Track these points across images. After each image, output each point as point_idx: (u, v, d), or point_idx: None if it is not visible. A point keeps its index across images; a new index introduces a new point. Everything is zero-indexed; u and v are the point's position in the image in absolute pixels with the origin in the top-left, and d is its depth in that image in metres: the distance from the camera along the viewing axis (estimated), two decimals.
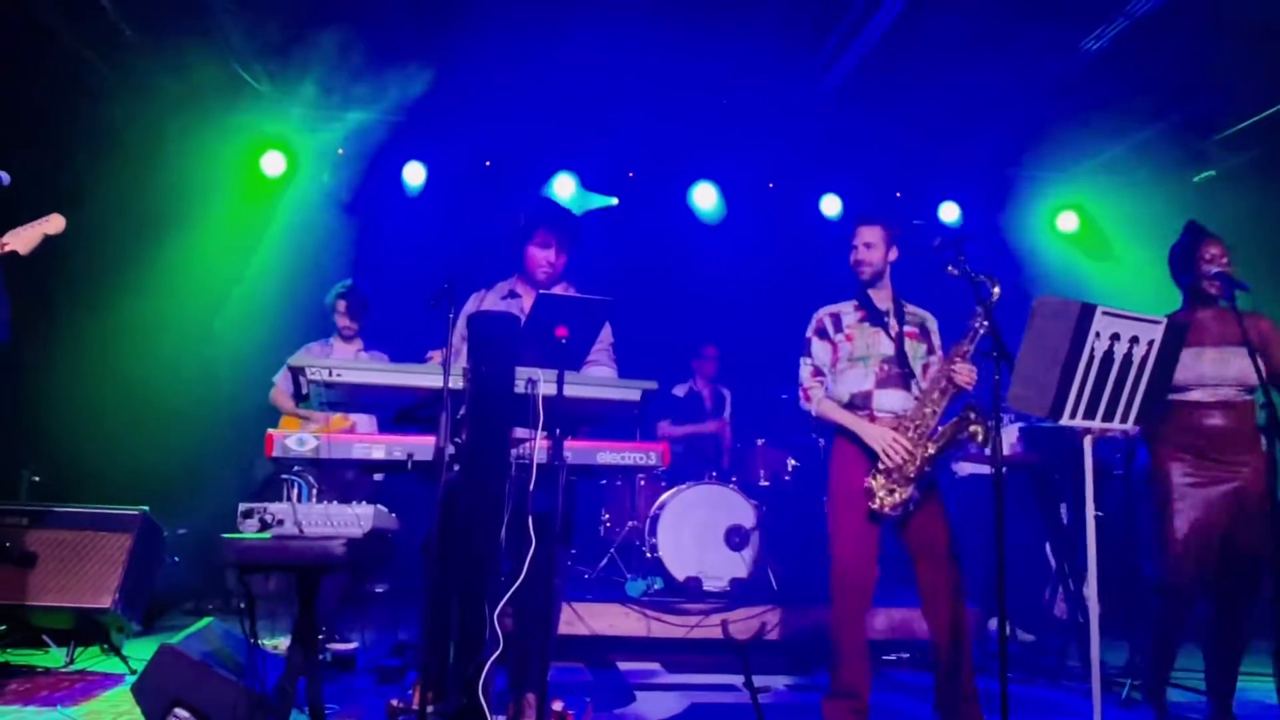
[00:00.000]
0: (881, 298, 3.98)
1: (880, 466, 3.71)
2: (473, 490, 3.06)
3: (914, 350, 3.91)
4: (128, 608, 4.60)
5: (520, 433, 3.15)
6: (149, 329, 6.64)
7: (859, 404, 3.86)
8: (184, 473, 6.12)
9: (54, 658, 4.56)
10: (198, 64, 6.41)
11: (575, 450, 3.25)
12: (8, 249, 3.38)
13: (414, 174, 7.58)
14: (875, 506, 3.68)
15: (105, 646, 4.69)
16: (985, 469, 5.50)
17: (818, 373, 3.99)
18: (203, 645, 3.47)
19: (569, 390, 3.12)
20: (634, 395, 3.30)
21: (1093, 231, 7.95)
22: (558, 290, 3.88)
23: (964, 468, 5.92)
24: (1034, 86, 6.63)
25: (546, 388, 3.12)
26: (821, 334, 4.01)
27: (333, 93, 6.91)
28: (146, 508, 4.82)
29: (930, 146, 7.48)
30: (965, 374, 3.65)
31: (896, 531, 3.84)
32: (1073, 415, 3.08)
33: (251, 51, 6.50)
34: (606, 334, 3.93)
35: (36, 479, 6.10)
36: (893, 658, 5.35)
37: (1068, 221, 8.01)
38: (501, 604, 3.03)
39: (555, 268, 3.80)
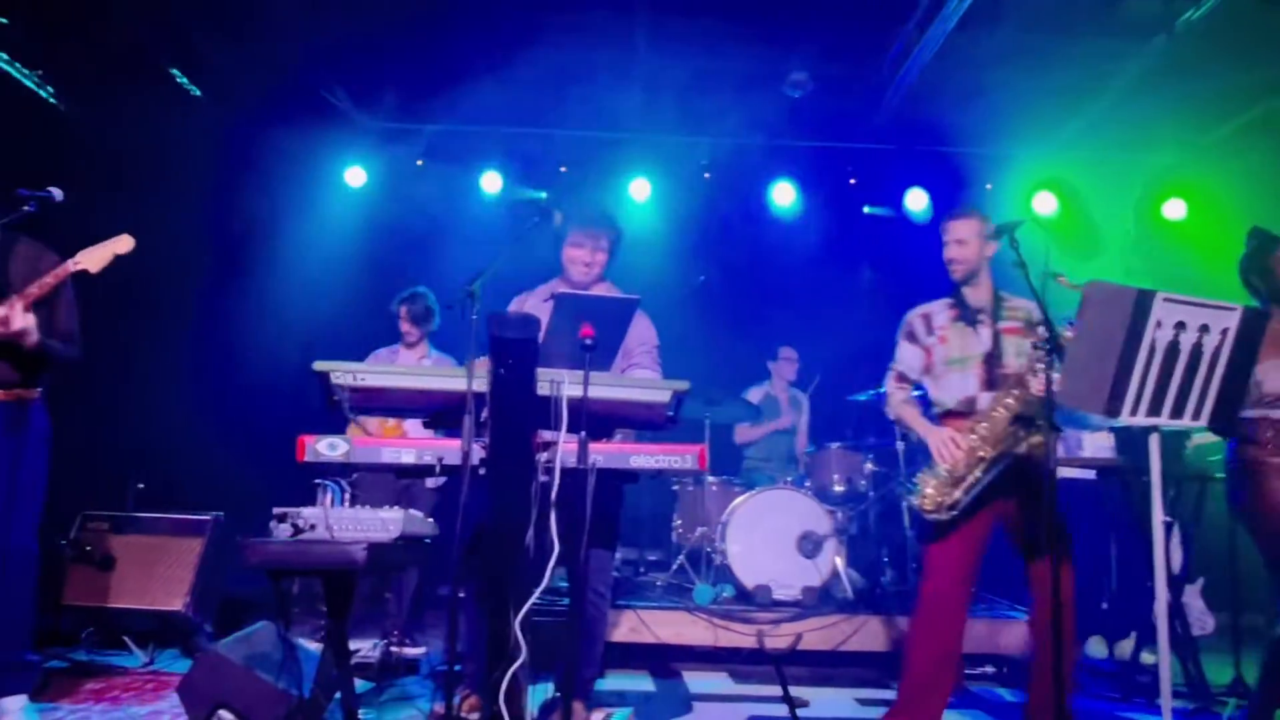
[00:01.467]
0: (977, 295, 3.76)
1: (934, 466, 3.55)
2: (495, 495, 3.01)
3: (1017, 347, 3.66)
4: (200, 610, 4.74)
5: (547, 436, 3.08)
6: (242, 343, 6.87)
7: (964, 410, 3.65)
8: (271, 481, 6.26)
9: (135, 659, 4.74)
10: (278, 82, 6.62)
11: (606, 454, 3.14)
12: (79, 267, 3.51)
13: (491, 182, 7.63)
14: (916, 502, 3.54)
15: (182, 648, 4.85)
16: (1083, 473, 5.17)
17: (901, 378, 3.86)
18: (248, 649, 3.52)
19: (595, 392, 3.03)
20: (664, 397, 3.17)
21: (1200, 218, 7.41)
22: (599, 291, 3.81)
23: (1061, 471, 5.56)
24: (1125, 67, 6.22)
25: (572, 389, 3.04)
26: (911, 337, 3.85)
27: (410, 105, 7.05)
28: (220, 513, 4.96)
29: (1018, 135, 7.11)
30: (1040, 386, 3.41)
31: (1008, 535, 3.68)
32: (1133, 412, 2.82)
33: (330, 68, 6.66)
34: (651, 335, 3.83)
35: (141, 486, 6.38)
36: (976, 672, 5.07)
37: (1174, 209, 7.50)
38: (523, 611, 2.96)
39: (592, 267, 3.73)
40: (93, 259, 3.52)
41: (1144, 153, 7.34)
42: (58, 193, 3.37)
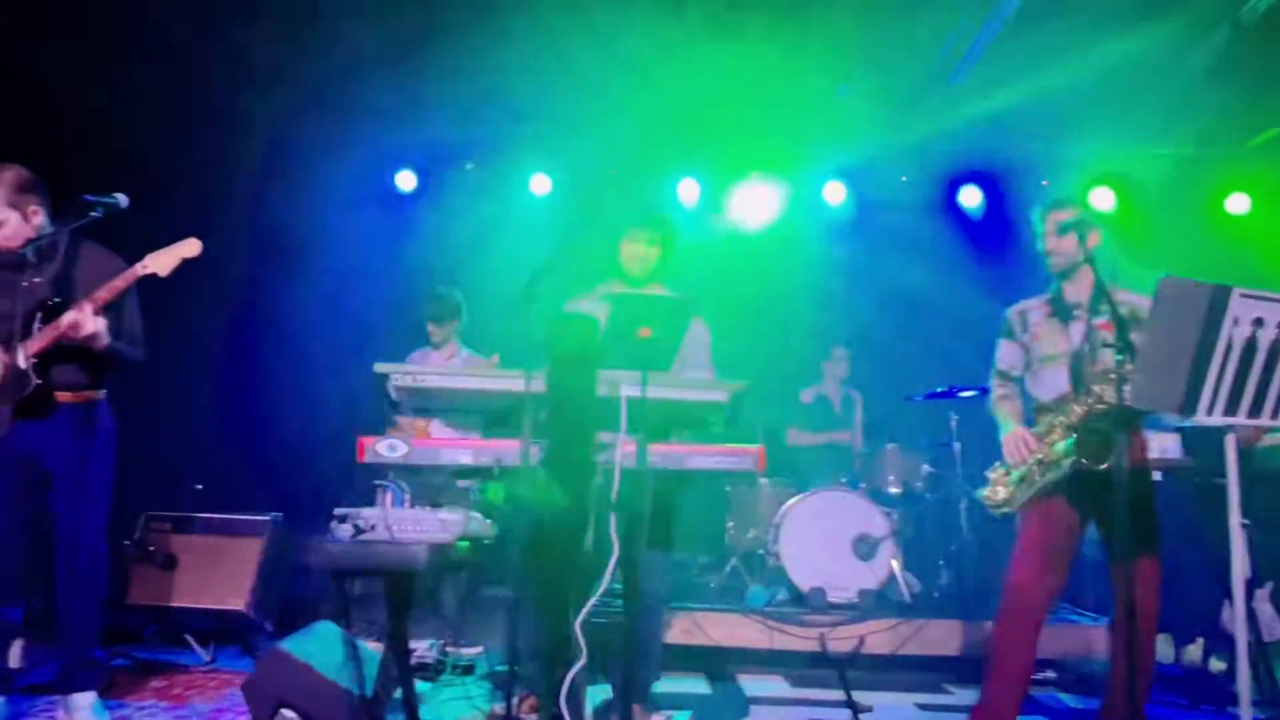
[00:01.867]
0: (1077, 290, 3.66)
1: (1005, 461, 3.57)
2: (556, 497, 3.01)
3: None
4: (260, 610, 4.81)
5: (605, 437, 3.07)
6: (297, 345, 6.96)
7: (1058, 406, 3.59)
8: (323, 481, 6.33)
9: (197, 657, 4.81)
10: (329, 85, 6.69)
11: (663, 454, 3.13)
12: (148, 271, 3.55)
13: (540, 184, 7.66)
14: (983, 495, 3.57)
15: (244, 647, 4.93)
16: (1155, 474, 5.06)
17: (1002, 376, 3.82)
18: (312, 648, 3.56)
19: (652, 393, 3.02)
20: (721, 396, 3.16)
21: (1264, 212, 7.21)
22: (653, 290, 3.80)
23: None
24: (1187, 58, 6.07)
25: (629, 390, 3.03)
26: (1008, 334, 3.80)
27: (459, 108, 7.09)
28: (280, 514, 5.03)
29: (1075, 130, 6.96)
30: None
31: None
32: (1209, 411, 2.73)
33: (379, 68, 6.71)
34: (704, 335, 3.81)
35: (200, 487, 6.50)
36: (1038, 677, 4.96)
37: (1238, 204, 7.30)
38: (584, 613, 2.95)
39: (647, 262, 3.72)
40: (161, 263, 3.55)
41: (1206, 145, 7.14)
42: (123, 198, 3.42)
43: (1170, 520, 5.32)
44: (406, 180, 7.64)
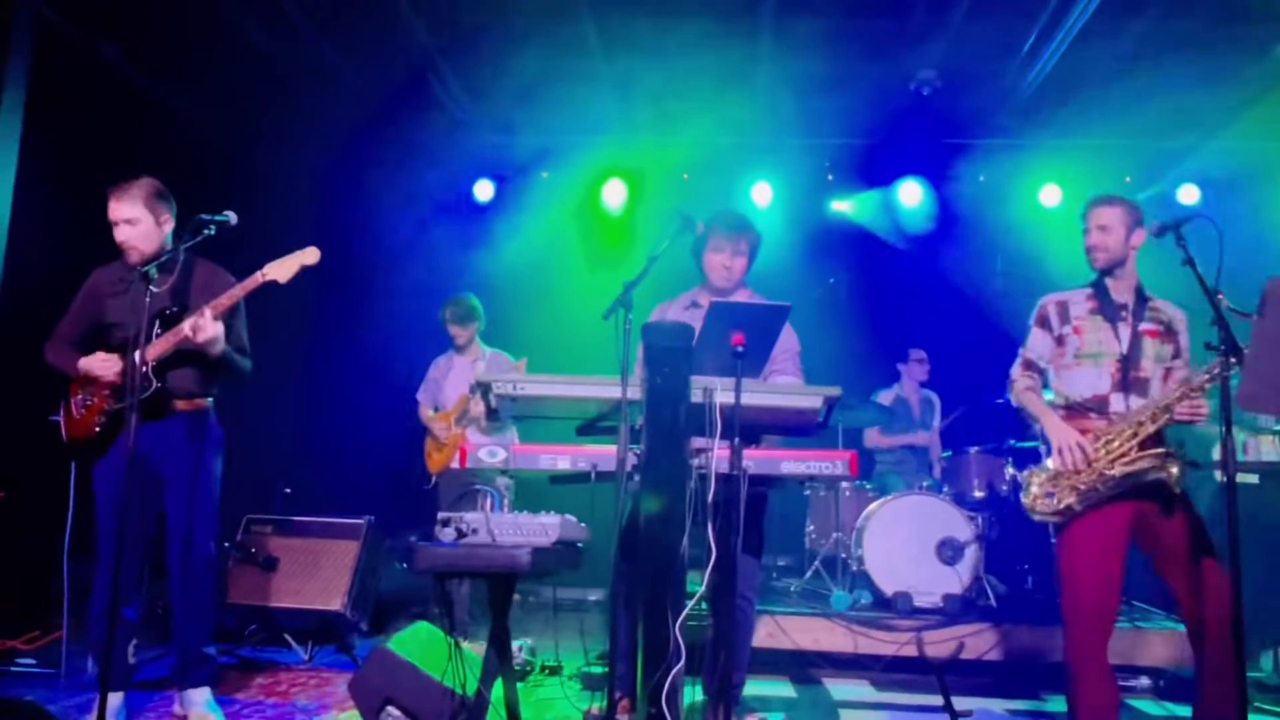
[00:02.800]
0: (1121, 289, 3.56)
1: (1049, 464, 3.41)
2: (653, 501, 3.07)
3: (1156, 351, 3.49)
4: (356, 610, 4.96)
5: (700, 442, 3.12)
6: (377, 355, 7.15)
7: (1094, 408, 3.48)
8: (410, 485, 6.47)
9: (295, 655, 4.98)
10: (407, 96, 6.87)
11: (757, 459, 3.18)
12: (268, 278, 3.68)
13: (616, 192, 7.75)
14: (1025, 501, 3.44)
15: (339, 645, 5.08)
16: (1244, 477, 4.94)
17: (1029, 365, 3.67)
18: (414, 647, 3.68)
19: (746, 399, 3.06)
20: (815, 403, 3.19)
21: None
22: (740, 296, 3.85)
23: (1219, 474, 5.32)
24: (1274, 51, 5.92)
25: (724, 396, 3.08)
26: (1044, 323, 3.66)
27: (535, 118, 7.21)
28: (371, 517, 5.18)
29: (1161, 127, 6.83)
30: (1189, 411, 3.27)
31: (1136, 544, 3.46)
32: None
33: (456, 80, 6.88)
34: (792, 341, 3.84)
35: (288, 490, 6.72)
36: (1129, 684, 4.89)
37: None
38: (683, 615, 3.00)
39: (732, 271, 3.76)
40: (281, 270, 3.67)
41: None
42: (233, 217, 3.54)
43: (1259, 522, 5.23)
44: (484, 190, 7.78)
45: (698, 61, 6.32)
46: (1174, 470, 3.21)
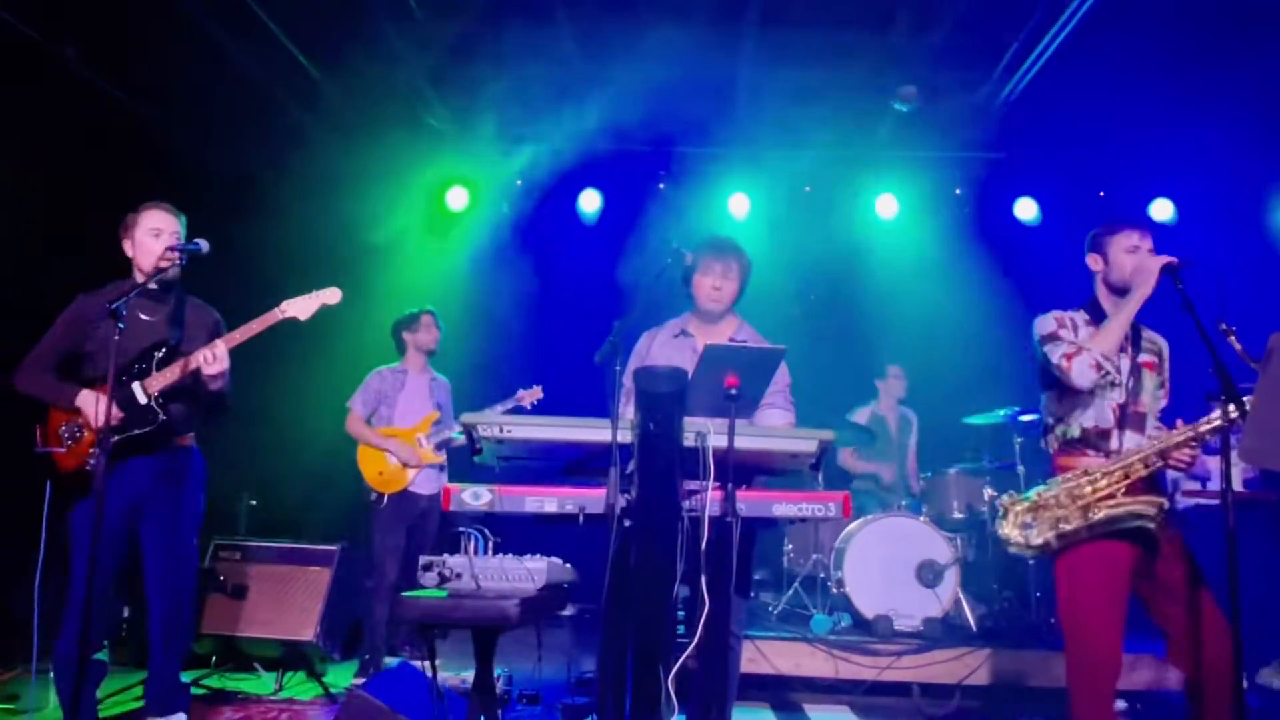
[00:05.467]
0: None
1: (1032, 494, 3.29)
2: (643, 548, 2.99)
3: (1150, 384, 3.38)
4: (328, 638, 4.84)
5: (692, 485, 3.05)
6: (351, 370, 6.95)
7: (1094, 443, 3.33)
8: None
9: (264, 684, 4.85)
10: (385, 108, 6.72)
11: (749, 502, 3.11)
12: (287, 315, 3.65)
13: (590, 201, 7.65)
14: (1001, 531, 3.31)
15: (310, 674, 4.95)
16: (1210, 501, 4.98)
17: (1074, 346, 3.32)
18: (391, 688, 3.56)
19: (740, 442, 3.00)
20: (809, 446, 3.12)
21: None
22: (729, 324, 3.77)
23: (1183, 499, 5.36)
24: (1250, 70, 5.95)
25: (717, 440, 3.01)
26: (1070, 330, 3.38)
27: (509, 125, 7.08)
28: (345, 543, 5.05)
29: (1134, 140, 6.86)
30: (1187, 459, 3.19)
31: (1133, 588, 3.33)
32: None
33: (433, 92, 6.74)
34: (783, 376, 3.77)
35: (254, 503, 6.56)
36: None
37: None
38: (676, 667, 2.93)
39: (722, 293, 3.67)
40: (301, 308, 3.67)
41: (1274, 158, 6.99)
42: (204, 244, 3.44)
43: (1246, 549, 5.27)
44: (458, 198, 7.64)
45: (678, 71, 6.24)
46: (1155, 516, 3.15)
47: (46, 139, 5.42)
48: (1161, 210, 7.36)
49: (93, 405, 3.50)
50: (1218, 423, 3.03)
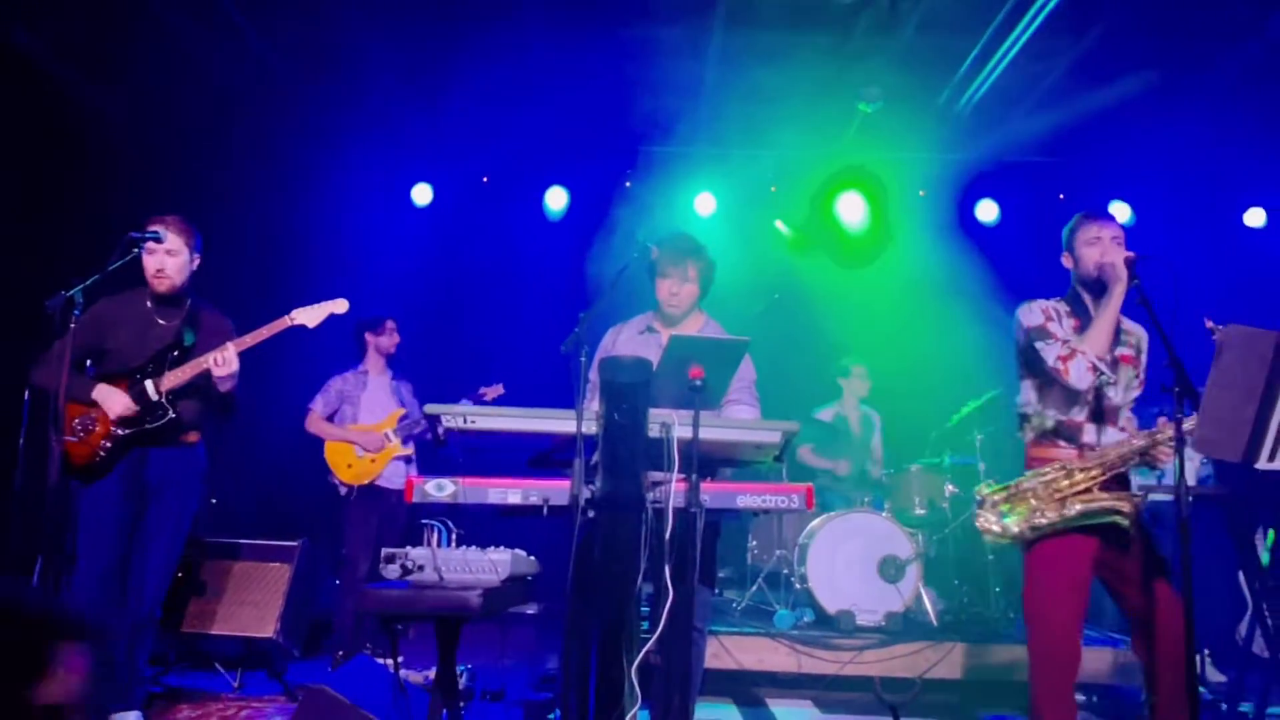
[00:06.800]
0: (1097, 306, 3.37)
1: (1012, 485, 3.33)
2: (607, 540, 3.00)
3: (1126, 377, 3.39)
4: (289, 635, 4.78)
5: (656, 476, 3.05)
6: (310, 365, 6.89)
7: (1067, 435, 3.33)
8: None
9: (223, 682, 4.78)
10: (350, 104, 6.67)
11: (713, 493, 3.12)
12: (296, 322, 3.91)
13: (557, 198, 7.64)
14: (978, 521, 3.32)
15: (270, 672, 4.89)
16: (1164, 496, 5.06)
17: (1065, 344, 3.30)
18: (352, 683, 3.53)
19: (705, 433, 3.01)
20: (774, 437, 3.14)
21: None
22: (693, 322, 3.78)
23: (1154, 496, 5.44)
24: (1206, 75, 6.08)
25: (681, 431, 3.02)
26: (1051, 320, 3.36)
27: (474, 122, 7.05)
28: (305, 540, 5.00)
29: (1091, 144, 6.98)
30: (1166, 457, 3.22)
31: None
32: (1270, 458, 2.73)
33: (396, 83, 6.69)
34: (748, 370, 3.78)
35: (214, 500, 6.47)
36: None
37: (1255, 218, 7.34)
38: (639, 658, 2.94)
39: (679, 298, 3.67)
40: (309, 316, 3.91)
41: (1226, 160, 7.13)
42: (164, 234, 3.53)
43: (1195, 541, 5.37)
44: (422, 194, 7.59)
45: (644, 69, 6.26)
46: (1129, 514, 3.20)
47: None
48: (1119, 212, 7.48)
49: (108, 398, 3.70)
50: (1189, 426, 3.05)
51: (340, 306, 3.94)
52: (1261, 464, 2.74)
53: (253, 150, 6.74)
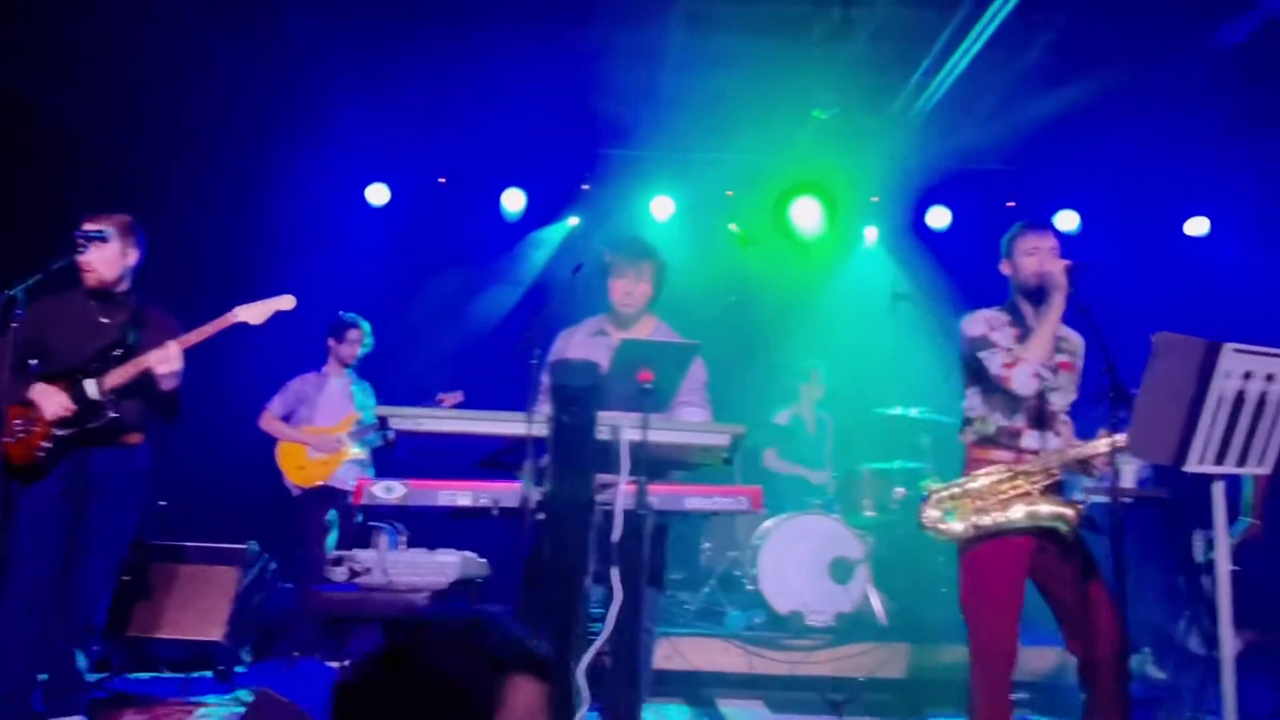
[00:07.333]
0: (1034, 316, 3.43)
1: (958, 485, 3.41)
2: (556, 542, 3.01)
3: (1064, 383, 3.47)
4: (237, 639, 4.74)
5: (605, 478, 3.07)
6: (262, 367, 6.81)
7: (1006, 441, 3.41)
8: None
9: (171, 686, 4.72)
10: (303, 108, 6.61)
11: (662, 496, 3.15)
12: (238, 320, 3.81)
13: (514, 200, 7.63)
14: (922, 518, 3.42)
15: (219, 676, 4.84)
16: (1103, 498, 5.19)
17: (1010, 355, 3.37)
18: (300, 687, 3.52)
19: (653, 436, 3.04)
20: (723, 440, 3.19)
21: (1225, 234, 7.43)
22: (645, 325, 3.81)
23: (1094, 497, 5.56)
24: (1150, 88, 6.22)
25: (630, 433, 3.04)
26: (994, 330, 3.43)
27: (431, 122, 7.01)
28: (254, 542, 4.96)
29: (1042, 153, 7.11)
30: (1104, 466, 3.32)
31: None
32: (1200, 461, 2.82)
33: (352, 84, 6.65)
34: (700, 373, 3.81)
35: (163, 503, 6.36)
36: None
37: (1197, 226, 7.53)
38: (586, 660, 2.95)
39: (633, 297, 3.70)
40: (253, 313, 3.82)
41: (1173, 168, 7.29)
42: (109, 232, 3.52)
43: (1130, 541, 5.50)
44: (378, 194, 7.53)
45: (602, 73, 6.27)
46: (1071, 518, 3.28)
47: None
48: (1067, 221, 7.62)
49: (44, 397, 3.63)
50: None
51: (286, 303, 3.85)
52: (1190, 466, 2.82)
53: (203, 148, 6.63)
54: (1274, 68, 5.87)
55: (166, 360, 3.63)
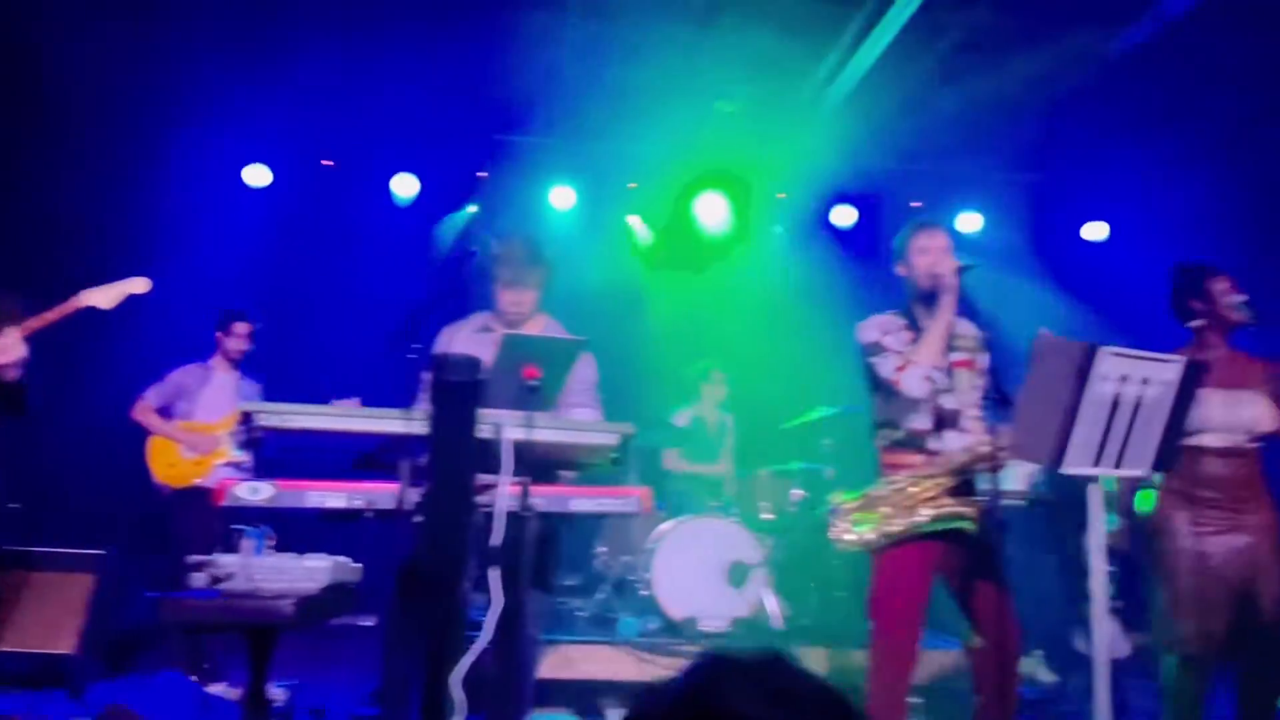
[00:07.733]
0: (928, 317, 3.43)
1: (864, 494, 3.39)
2: (434, 545, 2.84)
3: (965, 381, 3.43)
4: (91, 652, 4.41)
5: (486, 479, 2.92)
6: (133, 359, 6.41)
7: (916, 444, 3.40)
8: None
9: (18, 703, 4.37)
10: (183, 85, 6.27)
11: (546, 497, 3.01)
12: (85, 304, 3.64)
13: (406, 186, 7.37)
14: (830, 532, 3.40)
15: (71, 692, 4.50)
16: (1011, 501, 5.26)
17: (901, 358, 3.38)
18: (153, 700, 3.27)
19: (538, 434, 2.91)
20: (611, 439, 3.07)
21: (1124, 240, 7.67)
22: (535, 324, 3.66)
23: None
24: (1057, 91, 6.35)
25: (514, 432, 2.90)
26: (886, 334, 3.45)
27: (318, 101, 6.73)
28: (112, 548, 4.64)
29: (949, 152, 7.19)
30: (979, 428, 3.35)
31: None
32: (1077, 463, 2.82)
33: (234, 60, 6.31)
34: (591, 374, 3.68)
35: (15, 505, 5.93)
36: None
37: (1096, 231, 7.76)
38: (462, 666, 2.80)
39: (520, 305, 3.57)
40: (102, 297, 3.63)
41: (1075, 170, 7.45)
42: None
43: (1024, 543, 5.60)
44: (259, 175, 7.17)
45: (500, 54, 6.08)
46: (974, 517, 3.26)
47: None
48: (970, 222, 7.74)
49: None
50: None
51: (139, 286, 3.67)
52: (1068, 469, 2.81)
53: (62, 120, 6.21)
54: (1171, 72, 6.02)
55: (7, 349, 3.41)
